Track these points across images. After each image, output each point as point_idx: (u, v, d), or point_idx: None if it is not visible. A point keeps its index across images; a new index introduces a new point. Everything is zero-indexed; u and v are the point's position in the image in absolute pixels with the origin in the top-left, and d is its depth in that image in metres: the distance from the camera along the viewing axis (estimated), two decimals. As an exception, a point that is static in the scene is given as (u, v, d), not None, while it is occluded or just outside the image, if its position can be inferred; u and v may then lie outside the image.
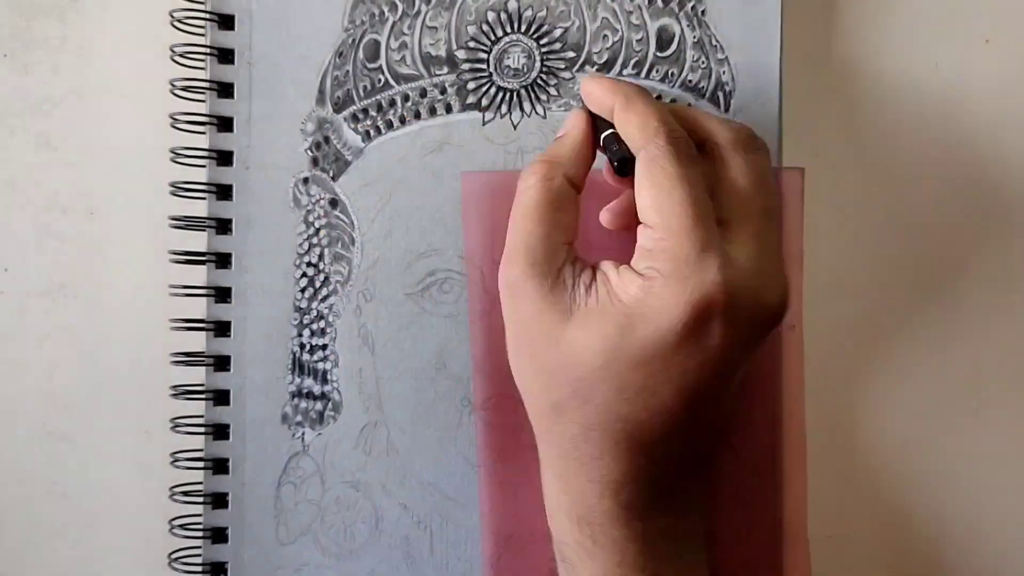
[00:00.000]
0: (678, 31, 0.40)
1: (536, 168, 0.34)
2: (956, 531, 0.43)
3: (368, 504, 0.40)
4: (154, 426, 0.42)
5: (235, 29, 0.40)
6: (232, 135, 0.40)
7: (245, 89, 0.40)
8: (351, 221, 0.40)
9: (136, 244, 0.42)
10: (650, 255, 0.31)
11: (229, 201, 0.40)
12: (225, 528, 0.40)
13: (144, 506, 0.42)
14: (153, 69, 0.41)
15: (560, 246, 0.33)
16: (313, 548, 0.40)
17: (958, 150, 0.43)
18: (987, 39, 0.43)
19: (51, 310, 0.43)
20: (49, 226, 0.43)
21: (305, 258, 0.40)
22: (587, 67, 0.40)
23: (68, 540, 0.43)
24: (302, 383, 0.40)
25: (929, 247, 0.43)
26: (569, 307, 0.32)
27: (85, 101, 0.42)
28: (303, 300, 0.40)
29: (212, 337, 0.40)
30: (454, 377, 0.40)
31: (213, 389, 0.40)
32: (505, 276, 0.33)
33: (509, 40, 0.40)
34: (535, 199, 0.33)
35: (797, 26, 0.41)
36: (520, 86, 0.40)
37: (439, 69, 0.40)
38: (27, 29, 0.42)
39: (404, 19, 0.40)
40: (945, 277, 0.43)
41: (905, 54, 0.43)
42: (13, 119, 0.42)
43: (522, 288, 0.32)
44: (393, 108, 0.40)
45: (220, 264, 0.40)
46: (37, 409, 0.43)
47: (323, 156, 0.40)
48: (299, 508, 0.40)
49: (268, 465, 0.40)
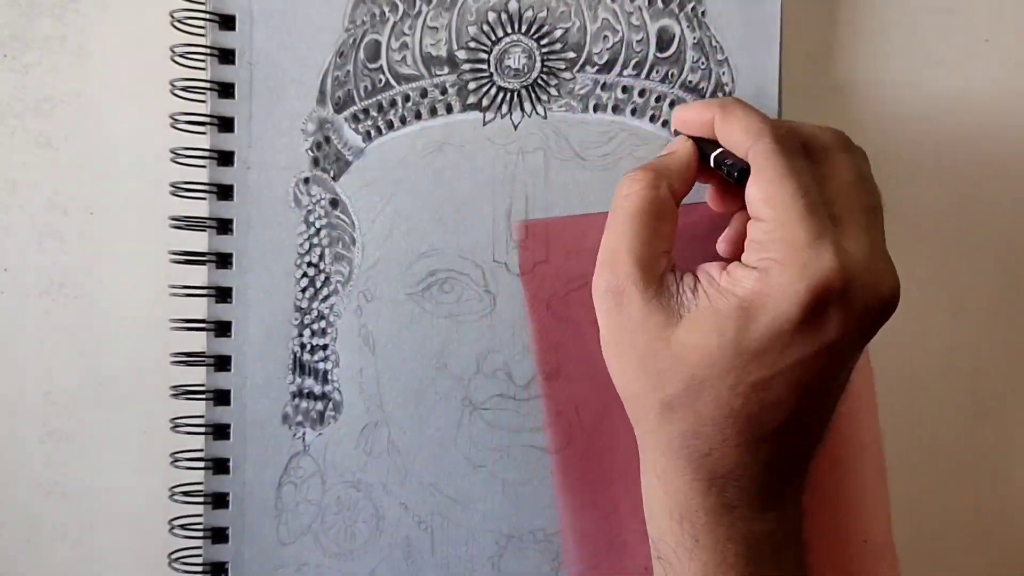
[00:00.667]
0: (678, 32, 0.40)
1: (641, 175, 0.34)
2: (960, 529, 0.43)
3: (369, 504, 0.40)
4: (154, 426, 0.42)
5: (235, 29, 0.40)
6: (233, 135, 0.40)
7: (245, 89, 0.40)
8: (352, 221, 0.40)
9: (136, 244, 0.42)
10: (763, 247, 0.31)
11: (230, 201, 0.40)
12: (225, 528, 0.40)
13: (144, 506, 0.42)
14: (153, 69, 0.41)
15: (662, 254, 0.33)
16: (313, 548, 0.40)
17: (958, 150, 0.43)
18: (987, 39, 0.43)
19: (51, 310, 0.43)
20: (49, 226, 0.42)
21: (306, 258, 0.40)
22: (587, 67, 0.40)
23: (68, 540, 0.43)
24: (303, 383, 0.40)
25: (929, 246, 0.43)
26: (676, 311, 0.32)
27: (85, 101, 0.42)
28: (304, 300, 0.40)
29: (212, 337, 0.40)
30: (454, 377, 0.40)
31: (213, 389, 0.40)
32: (606, 281, 0.33)
33: (510, 40, 0.40)
34: (639, 205, 0.33)
35: (797, 26, 0.42)
36: (521, 86, 0.40)
37: (440, 69, 0.40)
38: (27, 29, 0.42)
39: (405, 19, 0.40)
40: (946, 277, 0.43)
41: (905, 54, 0.43)
42: (13, 119, 0.42)
43: (627, 293, 0.32)
44: (394, 108, 0.40)
45: (220, 264, 0.40)
46: (37, 409, 0.43)
47: (324, 156, 0.40)
48: (300, 508, 0.40)
49: (268, 465, 0.40)
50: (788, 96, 0.41)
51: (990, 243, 0.43)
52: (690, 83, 0.40)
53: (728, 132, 0.34)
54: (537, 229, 0.40)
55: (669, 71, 0.40)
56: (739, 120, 0.33)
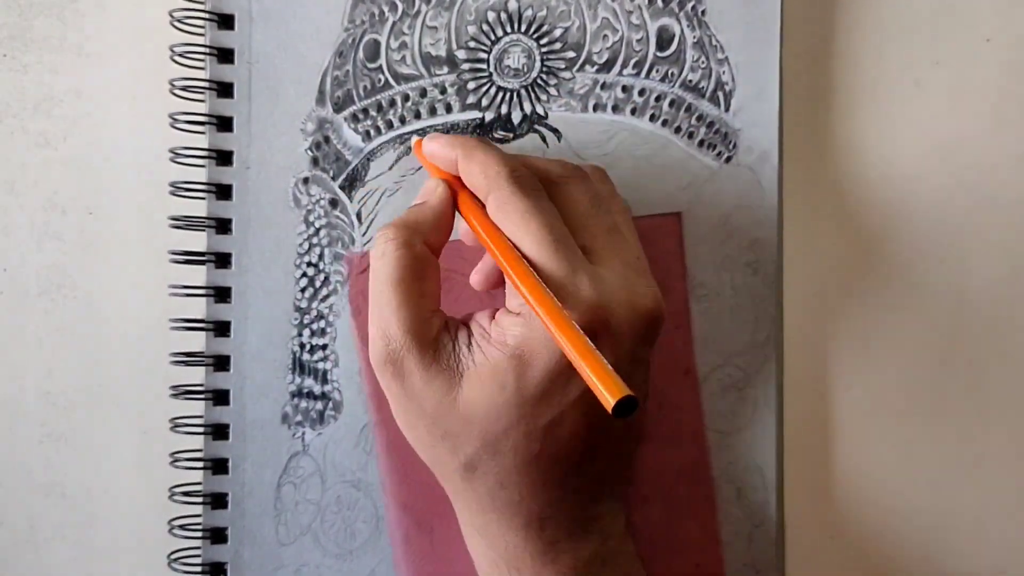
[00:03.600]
0: (678, 31, 0.40)
1: (394, 233, 0.33)
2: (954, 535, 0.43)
3: (368, 504, 0.40)
4: (154, 426, 0.42)
5: (235, 29, 0.40)
6: (232, 135, 0.40)
7: (245, 89, 0.40)
8: (351, 221, 0.40)
9: (136, 244, 0.42)
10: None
11: (229, 201, 0.40)
12: (225, 528, 0.40)
13: (144, 506, 0.42)
14: (153, 69, 0.41)
15: (431, 314, 0.33)
16: (313, 548, 0.40)
17: (958, 149, 0.43)
18: (987, 39, 0.43)
19: (51, 310, 0.43)
20: (48, 226, 0.42)
21: (305, 258, 0.40)
22: (587, 67, 0.40)
23: (68, 540, 0.43)
24: (302, 383, 0.40)
25: (929, 246, 0.43)
26: (456, 370, 0.32)
27: (85, 101, 0.42)
28: (303, 300, 0.40)
29: (212, 337, 0.40)
30: (454, 377, 0.40)
31: (213, 389, 0.40)
32: (382, 354, 0.32)
33: (509, 40, 0.40)
34: (398, 270, 0.32)
35: (797, 26, 0.41)
36: (520, 86, 0.40)
37: (439, 69, 0.40)
38: (27, 29, 0.42)
39: (404, 19, 0.40)
40: (945, 277, 0.43)
41: (905, 53, 0.43)
42: (13, 119, 0.42)
43: (404, 362, 0.32)
44: (393, 108, 0.40)
45: (220, 264, 0.40)
46: (37, 409, 0.43)
47: (323, 156, 0.40)
48: (299, 508, 0.40)
49: (268, 465, 0.40)
50: (788, 96, 0.41)
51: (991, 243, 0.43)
52: (690, 82, 0.40)
53: (469, 174, 0.34)
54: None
55: (669, 70, 0.40)
56: (478, 164, 0.33)
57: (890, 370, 0.43)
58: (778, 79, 0.40)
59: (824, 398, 0.42)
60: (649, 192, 0.40)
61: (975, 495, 0.43)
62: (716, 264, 0.41)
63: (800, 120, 0.42)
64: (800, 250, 0.42)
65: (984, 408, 0.43)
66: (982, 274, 0.43)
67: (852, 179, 0.43)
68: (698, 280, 0.41)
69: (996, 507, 0.43)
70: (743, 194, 0.40)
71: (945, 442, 0.43)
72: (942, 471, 0.43)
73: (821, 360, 0.42)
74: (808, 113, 0.42)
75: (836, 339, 0.43)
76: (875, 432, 0.43)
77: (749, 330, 0.41)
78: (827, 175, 0.42)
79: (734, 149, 0.40)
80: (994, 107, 0.43)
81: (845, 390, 0.43)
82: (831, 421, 0.43)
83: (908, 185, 0.43)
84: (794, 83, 0.41)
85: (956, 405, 0.43)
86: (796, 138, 0.42)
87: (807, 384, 0.42)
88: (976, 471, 0.43)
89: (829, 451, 0.43)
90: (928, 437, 0.43)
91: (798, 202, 0.42)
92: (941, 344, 0.43)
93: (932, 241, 0.43)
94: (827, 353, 0.42)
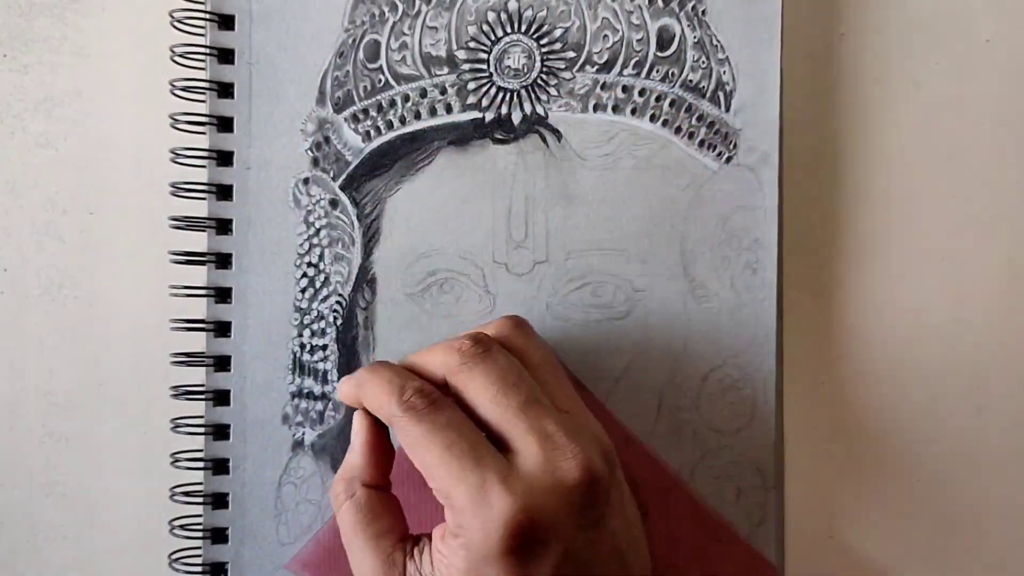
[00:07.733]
0: (678, 31, 0.40)
1: (336, 490, 0.34)
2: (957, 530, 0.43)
3: (368, 504, 0.40)
4: (154, 426, 0.42)
5: (235, 29, 0.40)
6: (232, 135, 0.40)
7: (245, 89, 0.40)
8: (351, 221, 0.40)
9: (136, 244, 0.42)
10: (452, 514, 0.31)
11: (229, 201, 0.40)
12: (225, 528, 0.40)
13: (144, 506, 0.42)
14: (153, 69, 0.41)
15: (392, 549, 0.33)
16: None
17: (958, 150, 0.43)
18: (987, 39, 0.43)
19: (51, 310, 0.43)
20: (49, 226, 0.42)
21: (305, 258, 0.40)
22: (587, 67, 0.40)
23: (68, 540, 0.43)
24: (302, 383, 0.40)
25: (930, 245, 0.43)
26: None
27: (85, 101, 0.42)
28: (303, 300, 0.40)
29: (212, 337, 0.40)
30: (454, 377, 0.40)
31: (213, 389, 0.40)
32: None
33: (509, 40, 0.40)
34: (350, 523, 0.33)
35: (797, 26, 0.41)
36: (520, 86, 0.40)
37: (439, 69, 0.40)
38: (27, 29, 0.42)
39: (404, 19, 0.40)
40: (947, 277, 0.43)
41: (905, 53, 0.43)
42: (13, 119, 0.42)
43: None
44: (393, 108, 0.40)
45: (220, 264, 0.40)
46: (37, 409, 0.43)
47: (323, 156, 0.40)
48: (299, 508, 0.40)
49: (268, 465, 0.40)
50: (788, 96, 0.41)
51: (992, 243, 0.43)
52: (690, 82, 0.40)
53: (370, 408, 0.34)
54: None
55: (669, 70, 0.40)
56: (372, 397, 0.33)
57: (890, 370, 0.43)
58: (778, 79, 0.40)
59: (824, 398, 0.42)
60: (649, 192, 0.40)
61: (979, 488, 0.43)
62: (716, 264, 0.41)
63: (800, 120, 0.42)
64: (800, 251, 0.42)
65: (985, 408, 0.43)
66: (985, 275, 0.43)
67: (852, 178, 0.43)
68: (698, 280, 0.41)
69: (997, 507, 0.43)
70: (743, 195, 0.40)
71: (947, 432, 0.43)
72: (942, 470, 0.43)
73: (821, 359, 0.42)
74: (808, 113, 0.42)
75: (836, 338, 0.43)
76: (875, 431, 0.43)
77: (749, 330, 0.41)
78: (827, 175, 0.42)
79: (734, 149, 0.40)
80: (994, 107, 0.43)
81: (845, 390, 0.43)
82: (831, 421, 0.43)
83: (908, 185, 0.43)
84: (794, 83, 0.41)
85: (956, 404, 0.43)
86: (796, 138, 0.42)
87: (807, 384, 0.42)
88: (976, 471, 0.43)
89: (829, 451, 0.43)
90: (928, 437, 0.43)
91: (798, 202, 0.42)
92: (942, 330, 0.43)
93: (933, 239, 0.43)
94: (827, 352, 0.42)
